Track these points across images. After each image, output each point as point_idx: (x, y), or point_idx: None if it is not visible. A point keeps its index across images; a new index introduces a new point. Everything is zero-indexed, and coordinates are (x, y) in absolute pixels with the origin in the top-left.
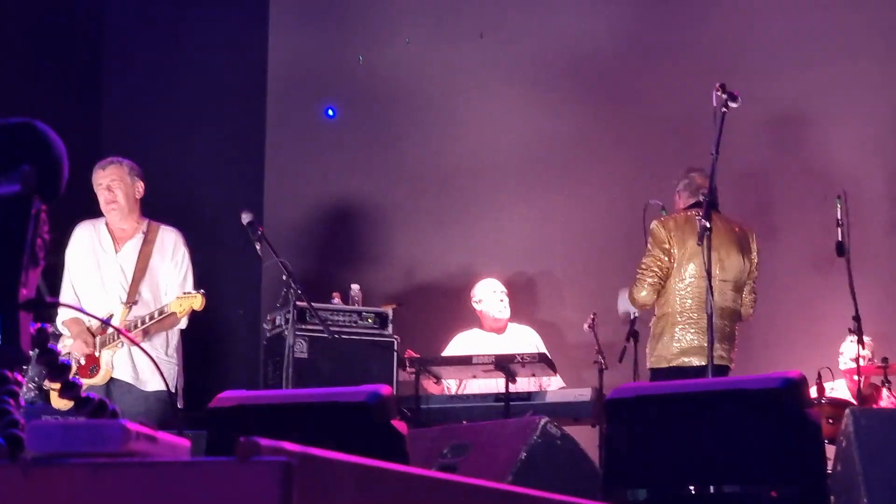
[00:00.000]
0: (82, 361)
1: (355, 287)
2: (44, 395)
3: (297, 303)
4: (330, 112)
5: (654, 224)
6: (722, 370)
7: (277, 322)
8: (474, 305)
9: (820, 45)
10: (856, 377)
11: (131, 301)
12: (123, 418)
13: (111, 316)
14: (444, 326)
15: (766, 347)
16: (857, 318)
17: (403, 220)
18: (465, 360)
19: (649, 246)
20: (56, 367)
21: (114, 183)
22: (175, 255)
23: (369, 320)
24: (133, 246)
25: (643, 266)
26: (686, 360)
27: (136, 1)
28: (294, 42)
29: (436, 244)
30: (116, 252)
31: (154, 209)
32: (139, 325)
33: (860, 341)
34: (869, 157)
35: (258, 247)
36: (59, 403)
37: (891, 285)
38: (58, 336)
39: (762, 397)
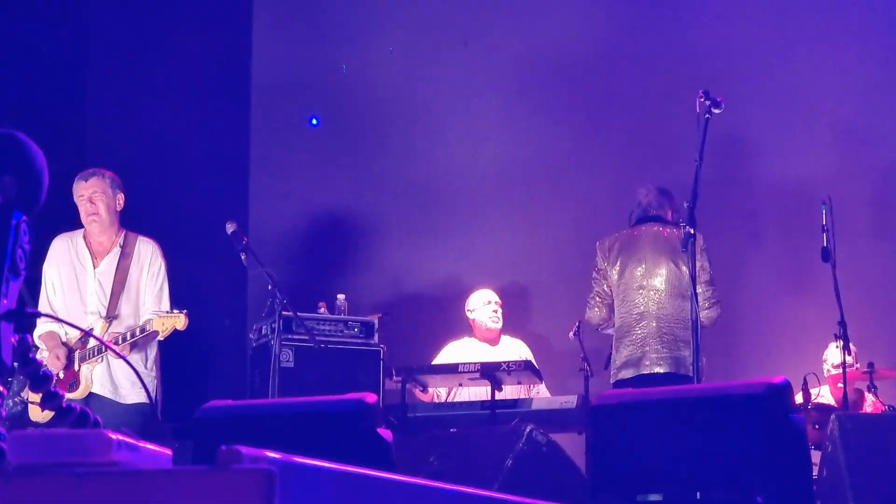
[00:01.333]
0: (61, 375)
1: (341, 297)
2: (22, 407)
3: (283, 312)
4: (314, 121)
5: (596, 246)
6: (682, 379)
7: (263, 332)
8: (467, 314)
9: (803, 51)
10: (840, 384)
11: (111, 316)
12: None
13: (92, 329)
14: (429, 336)
15: (752, 353)
16: (842, 324)
17: (389, 228)
18: (450, 369)
19: (593, 269)
20: (38, 378)
21: (95, 195)
22: (152, 266)
23: (355, 330)
24: (111, 260)
25: (591, 289)
26: (624, 372)
27: (120, 9)
28: (278, 51)
29: (421, 253)
30: (95, 267)
31: (139, 219)
32: (120, 341)
33: (846, 347)
34: (853, 162)
35: (243, 257)
36: (38, 416)
37: (876, 290)
38: (35, 349)
39: (747, 403)
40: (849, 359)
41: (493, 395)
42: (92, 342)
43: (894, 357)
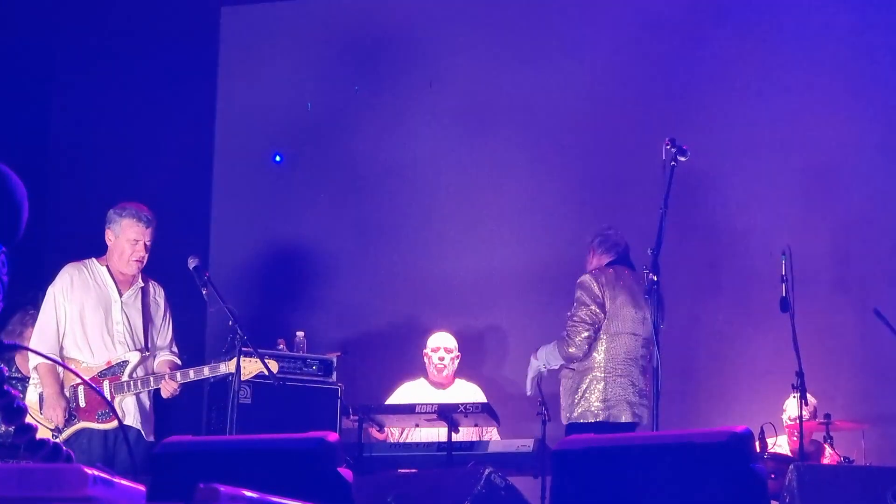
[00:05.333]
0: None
1: (300, 334)
2: None
3: (243, 349)
4: (277, 158)
5: (587, 278)
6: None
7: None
8: (424, 355)
9: (768, 102)
10: (796, 434)
11: (144, 348)
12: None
13: (120, 362)
14: (387, 375)
15: (710, 402)
16: (800, 374)
17: (349, 267)
18: (408, 409)
19: (583, 299)
20: (12, 411)
21: (149, 243)
22: (165, 309)
23: (314, 367)
24: (135, 292)
25: (577, 319)
26: (614, 413)
27: (85, 45)
28: (242, 87)
29: (381, 292)
30: (120, 295)
31: (101, 251)
32: (179, 377)
33: (803, 397)
34: (813, 213)
35: (204, 292)
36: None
37: (834, 342)
38: (16, 379)
39: (709, 451)
40: (806, 412)
41: (449, 436)
42: (125, 374)
43: (851, 408)
